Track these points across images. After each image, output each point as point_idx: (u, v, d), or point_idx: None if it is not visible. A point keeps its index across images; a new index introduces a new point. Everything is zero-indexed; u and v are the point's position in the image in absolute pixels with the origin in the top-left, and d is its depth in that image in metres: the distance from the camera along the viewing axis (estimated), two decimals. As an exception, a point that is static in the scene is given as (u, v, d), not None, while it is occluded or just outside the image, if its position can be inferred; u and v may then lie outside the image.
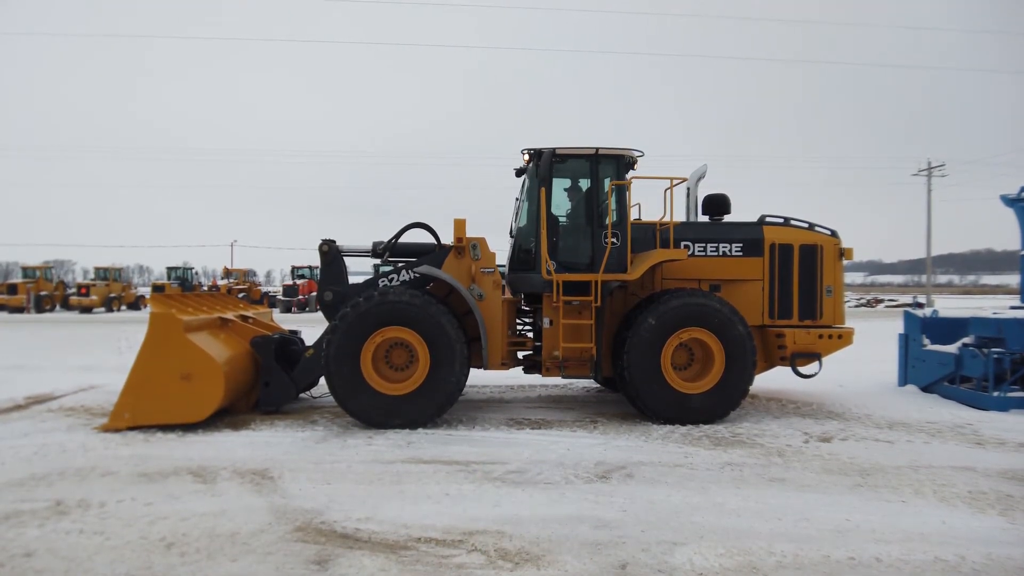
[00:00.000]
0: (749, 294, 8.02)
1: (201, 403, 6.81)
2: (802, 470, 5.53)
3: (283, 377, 7.58)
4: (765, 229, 8.09)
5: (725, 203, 8.48)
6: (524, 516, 4.38)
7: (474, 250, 7.64)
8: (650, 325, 7.21)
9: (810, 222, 8.28)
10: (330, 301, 7.82)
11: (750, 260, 8.01)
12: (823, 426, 7.18)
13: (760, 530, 4.20)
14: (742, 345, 7.27)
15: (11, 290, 33.74)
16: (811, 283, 8.05)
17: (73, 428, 6.79)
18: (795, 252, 8.05)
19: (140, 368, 6.84)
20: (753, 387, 9.27)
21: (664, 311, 7.23)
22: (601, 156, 7.73)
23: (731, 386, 7.28)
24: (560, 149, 7.69)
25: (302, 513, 4.42)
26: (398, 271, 7.70)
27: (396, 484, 5.05)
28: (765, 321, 8.04)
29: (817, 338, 7.90)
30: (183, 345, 6.83)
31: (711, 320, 7.25)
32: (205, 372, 6.80)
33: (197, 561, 3.69)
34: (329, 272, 8.02)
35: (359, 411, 6.94)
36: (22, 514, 4.39)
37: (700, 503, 4.69)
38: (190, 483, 5.06)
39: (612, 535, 4.08)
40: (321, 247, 8.06)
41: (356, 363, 6.93)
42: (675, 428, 6.99)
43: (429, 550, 3.86)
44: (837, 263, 8.15)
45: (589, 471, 5.41)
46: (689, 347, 7.43)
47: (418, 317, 6.95)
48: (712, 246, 7.99)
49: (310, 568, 3.61)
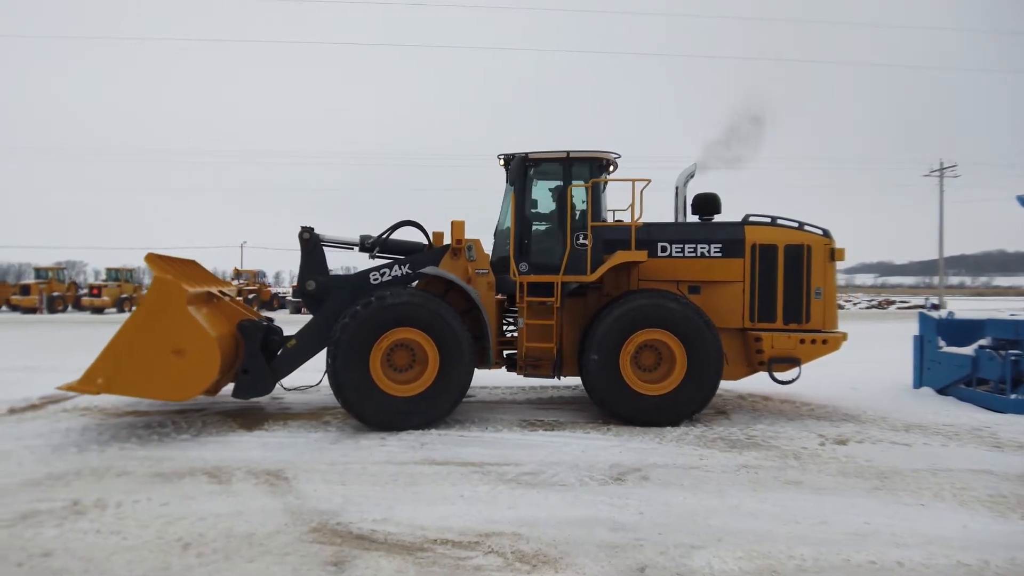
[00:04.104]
0: (729, 296, 7.74)
1: (188, 383, 6.42)
2: (818, 473, 5.49)
3: (264, 367, 7.21)
4: (747, 229, 7.80)
5: (715, 203, 8.29)
6: (540, 518, 4.36)
7: (469, 251, 7.73)
8: (607, 326, 7.22)
9: (800, 221, 7.92)
10: (313, 291, 7.66)
11: (730, 261, 7.73)
12: (838, 428, 7.12)
13: (778, 533, 4.16)
14: (704, 347, 7.14)
15: (24, 291, 34.01)
16: (797, 285, 7.69)
17: (88, 428, 6.82)
18: (780, 253, 7.69)
19: (127, 333, 6.34)
20: (765, 390, 9.28)
21: (620, 313, 7.22)
22: (574, 159, 7.89)
23: (693, 389, 7.16)
24: (532, 153, 7.93)
25: (318, 514, 4.42)
26: (389, 267, 7.67)
27: (411, 485, 5.05)
28: (746, 324, 7.73)
29: (798, 343, 7.56)
30: (183, 317, 6.37)
31: (670, 321, 7.17)
32: (200, 351, 6.38)
33: (214, 562, 3.69)
34: (311, 261, 7.79)
35: (373, 416, 6.87)
36: (40, 514, 4.40)
37: (717, 506, 4.65)
38: (205, 483, 5.07)
39: (629, 538, 4.06)
40: (302, 234, 7.80)
41: (366, 368, 6.85)
42: (689, 430, 6.95)
43: (446, 552, 3.84)
44: (828, 264, 7.71)
45: (604, 473, 5.38)
46: (656, 349, 7.33)
47: (427, 317, 6.93)
48: (691, 247, 7.78)
49: (327, 569, 3.60)
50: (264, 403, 8.24)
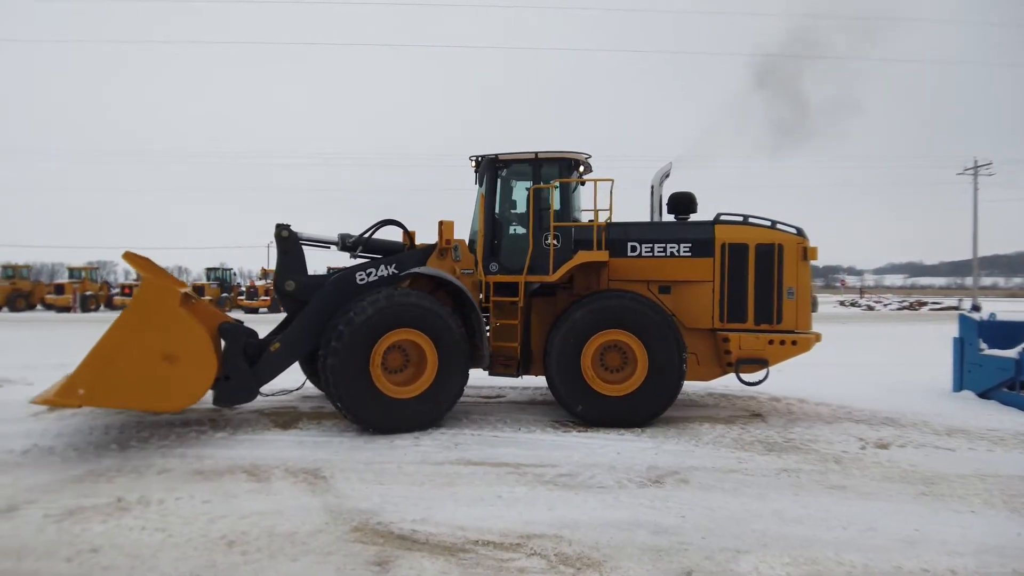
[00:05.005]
0: (699, 296, 7.62)
1: (181, 392, 5.91)
2: (862, 477, 5.38)
3: (247, 372, 6.74)
4: (717, 228, 7.67)
5: (691, 201, 8.19)
6: (581, 520, 4.33)
7: (455, 251, 7.73)
8: (569, 326, 7.19)
9: (773, 220, 7.77)
10: (292, 291, 7.42)
11: (700, 261, 7.60)
12: (878, 432, 6.98)
13: (825, 539, 4.08)
14: (666, 348, 7.07)
15: (58, 290, 34.71)
16: (768, 285, 7.51)
17: (127, 425, 6.91)
18: (751, 252, 7.53)
19: (112, 340, 5.73)
20: (800, 392, 9.13)
21: (582, 313, 7.19)
22: (543, 160, 7.89)
23: (655, 390, 7.09)
24: (501, 155, 7.96)
25: (357, 513, 4.43)
26: (375, 266, 7.53)
27: (448, 486, 5.04)
28: (716, 324, 7.61)
29: (766, 344, 7.43)
30: (176, 321, 5.88)
31: (631, 322, 7.12)
32: (194, 356, 5.91)
33: (259, 560, 3.71)
34: (289, 259, 7.53)
35: (373, 420, 6.69)
36: (85, 510, 4.47)
37: (759, 510, 4.58)
38: (245, 482, 5.11)
39: (672, 541, 4.01)
40: (280, 232, 7.48)
41: (366, 371, 6.63)
42: (726, 432, 6.86)
43: (488, 553, 3.82)
44: (801, 264, 7.53)
45: (642, 475, 5.33)
46: (621, 349, 7.24)
47: (429, 319, 6.82)
48: (660, 246, 7.68)
49: (371, 569, 3.61)
50: (297, 402, 8.30)
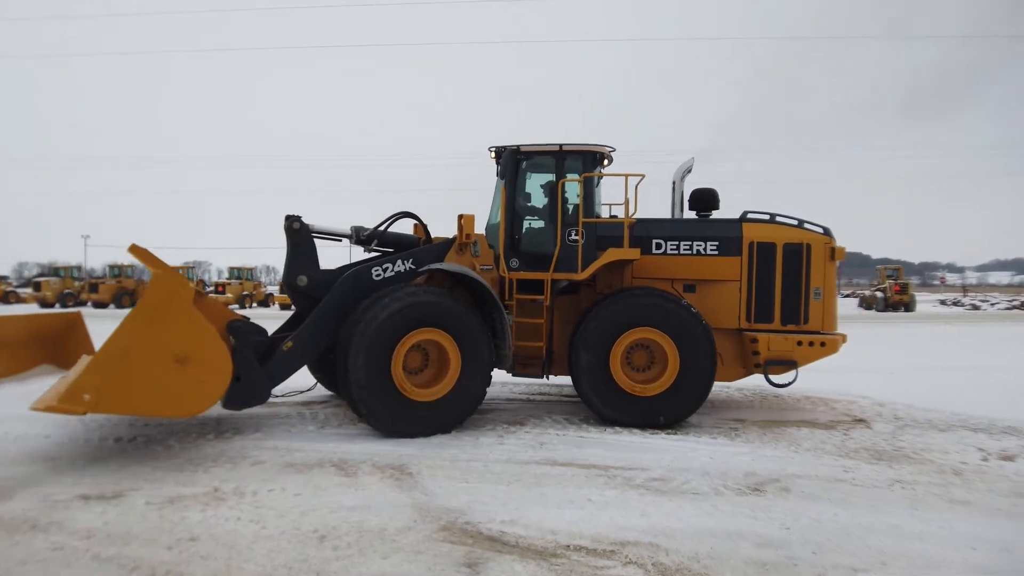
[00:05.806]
0: (725, 295, 7.37)
1: (195, 396, 5.52)
2: (987, 492, 4.90)
3: (259, 372, 6.34)
4: (744, 227, 7.40)
5: (713, 198, 7.84)
6: (676, 528, 4.10)
7: (475, 247, 7.50)
8: (597, 324, 6.90)
9: (800, 219, 7.46)
10: (304, 287, 7.02)
11: (726, 259, 7.34)
12: (1000, 442, 6.39)
13: (953, 560, 3.71)
14: (697, 347, 6.77)
15: (159, 288, 36.83)
16: (796, 285, 7.27)
17: (223, 419, 7.12)
18: (778, 251, 7.28)
19: (120, 341, 5.29)
20: (908, 396, 8.50)
21: (612, 311, 6.91)
22: (567, 153, 7.57)
23: (685, 390, 6.78)
24: (524, 147, 7.67)
25: (445, 512, 4.36)
26: (392, 261, 7.21)
27: (536, 487, 4.91)
28: (742, 325, 7.36)
29: (795, 345, 7.18)
30: (189, 320, 5.48)
31: (663, 320, 6.81)
32: (209, 358, 5.54)
33: (349, 556, 3.69)
34: (301, 253, 7.10)
35: (392, 424, 6.37)
36: (184, 498, 4.59)
37: (873, 524, 4.23)
38: (333, 475, 5.14)
39: (779, 555, 3.73)
40: (292, 224, 7.03)
41: (387, 372, 6.29)
42: (827, 438, 6.44)
43: (581, 559, 3.67)
44: (828, 264, 7.32)
45: (739, 482, 5.04)
46: (649, 348, 6.94)
47: (453, 318, 6.54)
48: (686, 244, 7.41)
49: (461, 571, 3.51)
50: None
